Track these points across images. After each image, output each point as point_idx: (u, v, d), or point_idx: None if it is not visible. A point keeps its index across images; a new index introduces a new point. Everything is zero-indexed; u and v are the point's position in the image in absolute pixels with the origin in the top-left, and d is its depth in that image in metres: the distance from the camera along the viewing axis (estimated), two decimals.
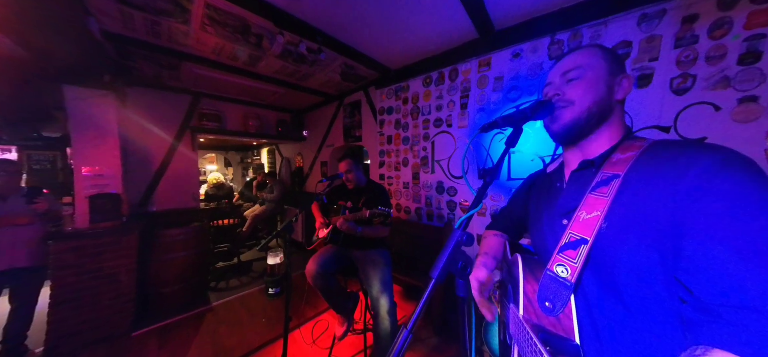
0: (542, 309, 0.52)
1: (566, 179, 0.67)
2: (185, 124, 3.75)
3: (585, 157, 0.62)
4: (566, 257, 0.52)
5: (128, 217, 2.81)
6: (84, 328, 2.31)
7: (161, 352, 2.23)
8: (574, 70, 0.60)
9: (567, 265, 0.51)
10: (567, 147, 0.67)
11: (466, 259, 0.47)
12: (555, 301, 0.50)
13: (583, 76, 0.59)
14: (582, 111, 0.58)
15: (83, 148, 2.59)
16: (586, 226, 0.52)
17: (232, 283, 3.55)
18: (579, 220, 0.53)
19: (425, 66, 2.80)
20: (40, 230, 2.24)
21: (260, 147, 7.25)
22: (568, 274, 0.50)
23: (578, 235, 0.52)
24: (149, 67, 2.88)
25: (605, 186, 0.53)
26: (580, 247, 0.51)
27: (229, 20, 2.07)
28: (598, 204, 0.52)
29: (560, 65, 0.64)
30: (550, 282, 0.52)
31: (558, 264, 0.53)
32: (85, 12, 1.77)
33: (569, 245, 0.53)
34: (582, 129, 0.60)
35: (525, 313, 0.55)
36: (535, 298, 0.54)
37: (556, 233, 0.61)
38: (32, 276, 2.23)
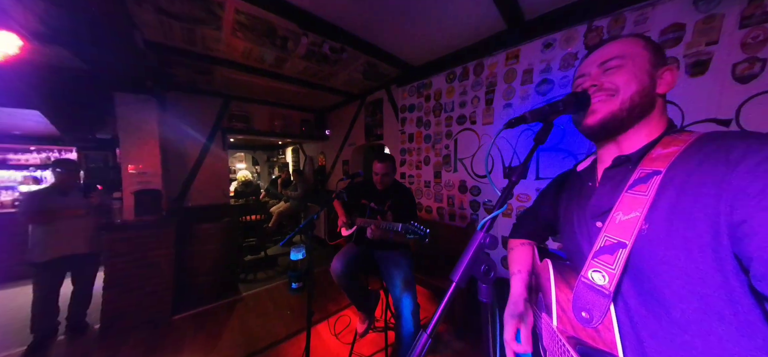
0: (578, 319, 0.48)
1: (599, 178, 0.61)
2: (217, 125, 3.98)
3: (621, 153, 0.57)
4: (602, 263, 0.48)
5: (167, 212, 3.04)
6: (131, 311, 2.54)
7: (197, 337, 2.39)
8: (614, 59, 0.55)
9: (604, 272, 0.47)
10: (601, 143, 0.61)
11: (490, 263, 0.45)
12: (592, 310, 0.46)
13: (625, 65, 0.54)
14: (624, 101, 0.53)
15: (129, 148, 2.85)
16: (623, 228, 0.47)
17: (260, 275, 3.73)
18: (615, 222, 0.49)
19: (449, 61, 2.73)
20: (95, 221, 2.51)
21: (285, 146, 7.52)
22: (606, 282, 0.46)
23: (615, 238, 0.48)
24: (185, 73, 3.09)
25: (644, 184, 0.48)
26: (618, 252, 0.46)
27: (256, 25, 2.15)
28: (636, 204, 0.47)
29: (597, 55, 0.58)
30: (586, 290, 0.48)
31: (594, 270, 0.48)
32: (132, 25, 1.94)
33: (605, 249, 0.48)
34: (622, 122, 0.54)
35: (559, 323, 0.52)
36: (570, 308, 0.50)
37: (590, 237, 0.56)
38: (90, 262, 2.52)
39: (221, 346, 2.26)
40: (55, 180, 2.40)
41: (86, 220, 2.44)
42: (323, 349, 2.17)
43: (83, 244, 2.42)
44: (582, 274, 0.50)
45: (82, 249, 2.42)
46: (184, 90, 3.60)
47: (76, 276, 2.48)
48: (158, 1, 1.79)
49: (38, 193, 2.38)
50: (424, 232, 1.42)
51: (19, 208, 2.30)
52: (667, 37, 1.53)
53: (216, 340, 2.33)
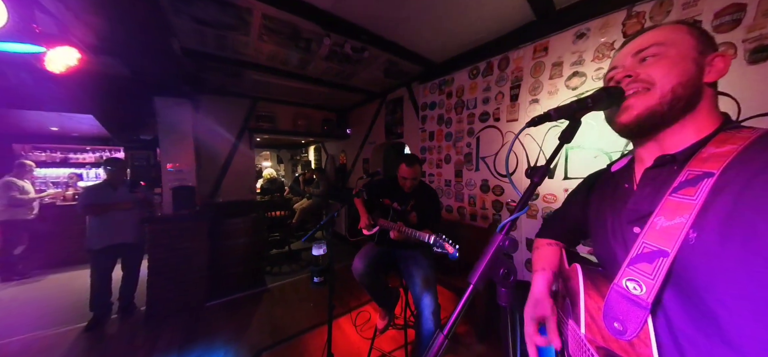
0: (610, 330, 0.45)
1: (637, 179, 0.56)
2: (245, 126, 4.20)
3: (664, 152, 0.51)
4: (639, 271, 0.44)
5: (200, 207, 3.26)
6: (171, 296, 2.77)
7: (229, 323, 2.56)
8: (651, 47, 0.49)
9: (641, 281, 0.44)
10: (639, 141, 0.56)
11: (510, 266, 0.44)
12: (626, 322, 0.43)
13: (664, 54, 0.49)
14: (664, 94, 0.47)
15: (168, 147, 3.09)
16: (665, 235, 0.43)
17: (284, 269, 3.89)
18: (655, 228, 0.45)
19: (472, 56, 2.66)
20: (139, 214, 2.76)
21: (308, 145, 7.75)
22: (643, 292, 0.43)
23: (655, 245, 0.44)
24: (216, 77, 3.28)
25: (692, 187, 0.43)
26: (658, 260, 0.43)
27: (282, 28, 2.24)
28: (681, 209, 0.43)
29: (632, 45, 0.53)
30: (620, 299, 0.45)
31: (629, 278, 0.45)
32: (170, 34, 2.09)
33: (643, 257, 0.45)
34: (662, 118, 0.49)
35: (587, 331, 0.49)
36: (601, 316, 0.47)
37: (626, 242, 0.52)
38: (136, 250, 2.79)
39: (250, 332, 2.40)
40: (107, 177, 2.67)
41: (132, 213, 2.70)
42: (344, 342, 2.23)
43: (130, 235, 2.68)
44: (615, 281, 0.47)
45: (129, 239, 2.68)
46: (215, 93, 3.82)
47: (124, 263, 2.75)
48: (194, 10, 1.92)
49: (93, 188, 2.67)
50: (453, 254, 1.33)
51: (79, 201, 2.59)
52: (722, 20, 1.37)
53: (245, 328, 2.48)
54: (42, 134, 5.55)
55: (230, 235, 3.24)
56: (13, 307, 2.96)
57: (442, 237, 1.40)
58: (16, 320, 2.64)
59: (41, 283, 3.62)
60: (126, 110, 3.60)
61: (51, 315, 2.73)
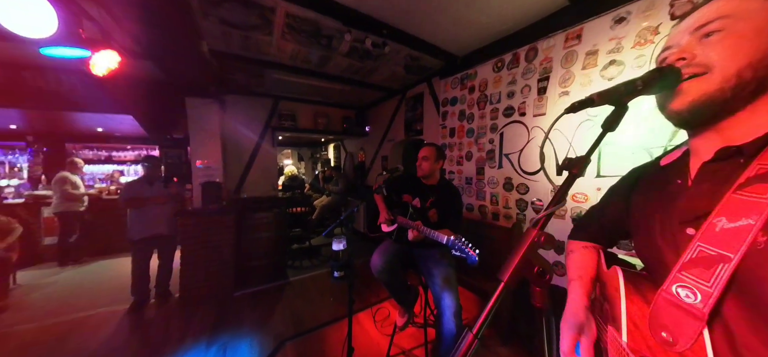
0: (657, 339, 0.42)
1: (692, 174, 0.50)
2: (267, 124, 4.34)
3: (727, 144, 0.45)
4: (693, 278, 0.40)
5: (227, 202, 3.42)
6: (201, 285, 2.93)
7: (254, 313, 2.68)
8: (714, 21, 0.43)
9: (696, 289, 0.39)
10: (695, 130, 0.50)
11: (545, 264, 0.41)
12: (677, 332, 0.39)
13: (729, 28, 0.42)
14: (725, 79, 0.41)
15: (197, 145, 3.26)
16: (727, 238, 0.38)
17: (305, 263, 3.99)
18: (714, 230, 0.40)
19: (497, 48, 2.56)
20: (172, 208, 2.95)
21: (328, 143, 7.87)
22: (697, 301, 0.39)
23: (713, 249, 0.39)
24: (241, 77, 3.41)
25: (763, 183, 0.38)
26: (718, 267, 0.38)
27: (304, 26, 2.28)
28: (748, 209, 0.38)
29: (691, 19, 0.47)
30: (668, 306, 0.41)
31: (680, 285, 0.41)
32: (199, 37, 2.20)
33: (698, 262, 0.40)
34: (723, 106, 0.43)
35: (630, 340, 0.45)
36: (646, 324, 0.44)
37: (676, 245, 0.47)
38: (170, 241, 2.98)
39: (274, 323, 2.49)
40: (144, 173, 2.87)
41: (167, 207, 2.89)
42: (364, 337, 2.24)
43: (165, 227, 2.87)
44: (663, 287, 0.43)
45: (164, 231, 2.87)
46: (240, 93, 3.98)
47: (160, 253, 2.95)
48: (221, 12, 2.00)
49: (133, 183, 2.89)
50: (473, 258, 1.26)
51: (120, 195, 2.81)
52: None
53: (269, 318, 2.58)
54: (89, 134, 6.10)
55: (254, 229, 3.37)
56: (69, 289, 3.29)
57: (460, 239, 1.34)
58: (71, 300, 2.94)
59: (90, 268, 3.99)
60: (160, 110, 3.84)
61: (99, 297, 3.01)
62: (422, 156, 1.81)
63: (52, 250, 4.15)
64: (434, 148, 1.85)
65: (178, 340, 2.25)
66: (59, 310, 2.71)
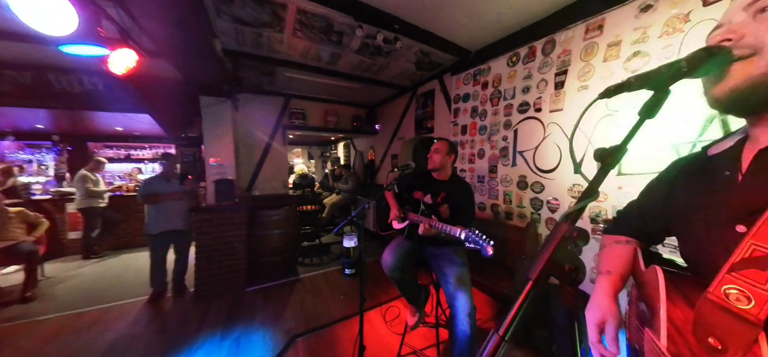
0: (703, 346, 0.39)
1: (745, 165, 0.46)
2: (278, 123, 4.39)
3: None
4: (746, 280, 0.37)
5: (239, 199, 3.47)
6: (215, 280, 3.00)
7: (266, 308, 2.73)
8: None
9: (749, 292, 0.36)
10: (751, 117, 0.45)
11: (576, 262, 0.37)
12: (727, 339, 0.36)
13: None
14: None
15: (211, 143, 3.33)
16: None
17: (315, 261, 4.01)
18: None
19: (512, 42, 2.49)
20: (187, 204, 3.03)
21: (337, 141, 7.91)
22: (751, 305, 0.35)
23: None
24: (253, 75, 3.46)
25: None
26: None
27: (315, 22, 2.28)
28: None
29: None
30: (716, 311, 0.38)
31: (730, 287, 0.38)
32: (213, 35, 2.23)
33: (752, 262, 0.37)
34: None
35: (671, 345, 0.42)
36: (689, 329, 0.41)
37: (726, 243, 0.43)
38: (185, 236, 3.06)
39: (285, 318, 2.52)
40: (162, 170, 2.95)
41: (182, 203, 2.97)
42: (375, 335, 2.23)
43: (181, 222, 2.95)
44: (710, 289, 0.40)
45: (180, 226, 2.95)
46: (251, 91, 4.03)
47: (176, 247, 3.03)
48: (234, 10, 2.02)
49: (151, 179, 2.98)
50: (487, 250, 1.21)
51: (139, 191, 2.90)
52: None
53: (280, 313, 2.61)
54: (110, 134, 6.34)
55: (265, 226, 3.41)
56: (92, 281, 3.44)
57: (475, 232, 1.29)
58: (94, 292, 3.08)
59: (112, 261, 4.15)
60: (176, 109, 3.94)
61: (120, 288, 3.14)
62: (434, 148, 1.81)
63: (76, 244, 4.35)
64: (446, 141, 1.85)
65: (194, 332, 2.31)
66: (84, 301, 2.84)
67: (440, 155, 1.78)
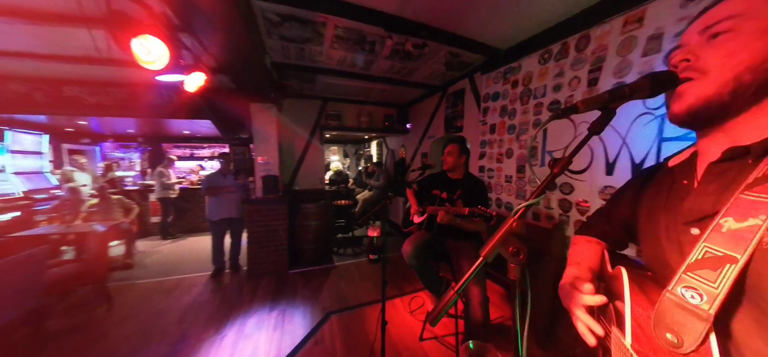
0: (662, 341, 0.41)
1: (699, 174, 0.50)
2: (316, 124, 4.77)
3: (735, 144, 0.44)
4: (699, 278, 0.40)
5: (282, 193, 3.91)
6: (263, 262, 3.47)
7: (306, 289, 3.10)
8: (723, 21, 0.42)
9: (701, 290, 0.39)
10: (702, 131, 0.49)
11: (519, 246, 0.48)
12: (683, 333, 0.39)
13: (737, 29, 0.41)
14: (722, 83, 0.41)
15: (259, 144, 3.79)
16: (733, 239, 0.38)
17: (348, 251, 4.34)
18: (721, 231, 0.40)
19: (544, 39, 2.45)
20: (240, 196, 3.52)
21: (371, 140, 8.20)
22: (703, 302, 0.38)
23: (720, 250, 0.39)
24: (295, 83, 3.84)
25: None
26: (724, 268, 0.38)
27: (350, 35, 2.51)
28: (756, 208, 0.37)
29: (703, 18, 0.46)
30: (674, 308, 0.41)
31: (685, 286, 0.41)
32: (263, 52, 2.59)
33: (704, 263, 0.40)
34: (723, 109, 0.43)
35: (634, 342, 0.46)
36: (650, 326, 0.43)
37: (681, 246, 0.48)
38: (239, 223, 3.58)
39: (322, 298, 2.87)
40: (220, 167, 3.48)
41: (236, 196, 3.48)
42: (399, 320, 2.44)
43: (235, 211, 3.46)
44: (668, 288, 0.42)
45: (234, 214, 3.46)
46: (294, 96, 4.45)
47: (231, 232, 3.57)
48: (282, 30, 2.35)
49: (211, 175, 3.52)
50: (490, 215, 1.47)
51: (201, 185, 3.47)
52: None
53: (318, 294, 2.97)
54: (178, 136, 7.41)
55: (305, 217, 3.80)
56: (169, 257, 4.20)
57: (478, 207, 1.53)
58: (171, 265, 3.78)
59: (183, 242, 4.97)
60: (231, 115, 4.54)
61: (189, 264, 3.81)
62: (447, 151, 1.99)
63: (156, 227, 5.27)
64: (457, 144, 2.01)
65: (248, 302, 2.77)
66: (165, 272, 3.54)
67: (453, 157, 1.96)
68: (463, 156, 1.99)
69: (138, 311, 2.60)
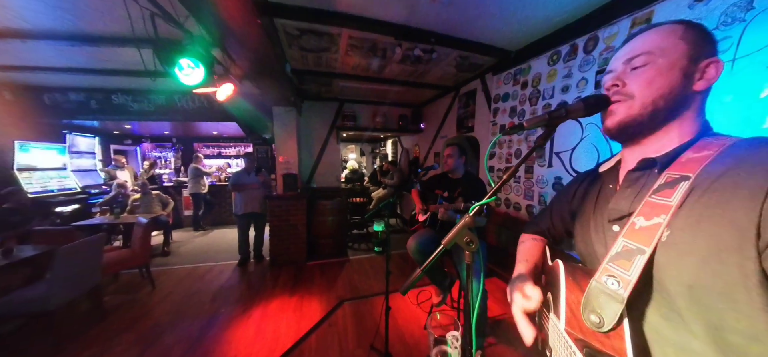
0: (588, 322, 0.46)
1: (620, 180, 0.58)
2: (333, 125, 5.00)
3: (646, 156, 0.53)
4: (617, 268, 0.46)
5: (301, 190, 4.18)
6: (284, 253, 3.77)
7: (322, 279, 3.36)
8: (640, 56, 0.50)
9: (618, 277, 0.45)
10: (625, 144, 0.58)
11: (472, 237, 0.62)
12: (603, 313, 0.45)
13: (653, 63, 0.49)
14: (644, 106, 0.49)
15: (280, 144, 4.08)
16: (643, 234, 0.45)
17: (362, 246, 4.55)
18: (634, 228, 0.47)
19: (553, 40, 2.48)
20: (262, 193, 3.83)
21: (386, 139, 8.36)
22: (620, 288, 0.44)
23: (633, 244, 0.46)
24: (314, 87, 4.08)
25: (670, 189, 0.45)
26: (635, 258, 0.44)
27: (363, 44, 2.69)
28: (659, 209, 0.45)
29: (624, 50, 0.54)
30: (598, 294, 0.47)
31: (607, 275, 0.47)
32: (285, 61, 2.83)
33: (621, 255, 0.47)
34: (642, 127, 0.51)
35: (567, 325, 0.51)
36: (579, 310, 0.49)
37: (606, 240, 0.56)
38: (262, 218, 3.89)
39: (337, 288, 3.11)
40: (245, 165, 3.80)
41: (259, 192, 3.79)
42: (406, 309, 2.61)
43: (258, 206, 3.78)
44: (595, 277, 0.48)
45: (258, 209, 3.77)
46: (312, 99, 4.71)
47: (255, 226, 3.89)
48: (301, 42, 2.58)
49: (237, 173, 3.85)
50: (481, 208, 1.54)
51: (229, 182, 3.81)
52: None
53: (333, 284, 3.21)
54: (208, 136, 7.98)
55: (322, 213, 4.05)
56: (201, 246, 4.64)
57: (472, 202, 1.58)
58: (202, 254, 4.19)
59: (212, 234, 5.45)
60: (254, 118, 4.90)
61: (218, 253, 4.21)
62: (446, 154, 2.10)
63: (188, 219, 5.78)
64: (456, 146, 2.11)
65: (271, 288, 3.07)
66: (198, 259, 3.95)
67: (453, 159, 2.07)
68: (462, 157, 2.10)
69: (175, 292, 2.96)
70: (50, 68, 3.23)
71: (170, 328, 2.33)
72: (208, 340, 2.19)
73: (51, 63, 3.11)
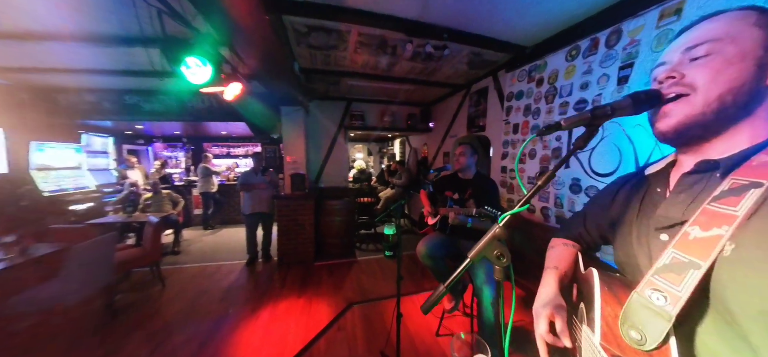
0: (627, 339, 0.43)
1: (672, 184, 0.52)
2: (341, 124, 4.96)
3: (706, 157, 0.46)
4: (665, 282, 0.41)
5: (309, 189, 4.15)
6: (292, 253, 3.75)
7: (330, 280, 3.32)
8: (704, 44, 0.44)
9: (666, 293, 0.40)
10: (684, 147, 0.51)
11: (503, 250, 0.55)
12: (646, 331, 0.40)
13: (719, 52, 0.43)
14: (707, 103, 0.43)
15: (288, 143, 4.06)
16: (698, 246, 0.39)
17: (370, 247, 4.51)
18: (687, 238, 0.41)
19: (571, 35, 2.36)
20: (270, 193, 3.81)
21: (394, 138, 8.28)
22: (667, 304, 0.40)
23: (685, 257, 0.40)
24: (321, 86, 4.04)
25: (736, 196, 0.39)
26: (688, 272, 0.39)
27: (372, 41, 2.62)
28: (720, 219, 0.39)
29: (684, 38, 0.48)
30: (639, 308, 0.42)
31: (652, 289, 0.42)
32: (293, 59, 2.79)
33: (670, 268, 0.42)
34: (705, 129, 0.45)
35: (603, 339, 0.47)
36: (617, 324, 0.45)
37: (650, 250, 0.50)
38: (269, 217, 3.88)
39: (345, 289, 3.07)
40: (253, 165, 3.79)
41: (267, 191, 3.78)
42: (417, 315, 2.53)
43: (266, 206, 3.77)
44: (637, 289, 0.44)
45: (265, 209, 3.77)
46: (320, 98, 4.67)
47: (263, 225, 3.88)
48: (309, 40, 2.53)
49: (246, 173, 3.85)
50: (495, 214, 1.48)
51: (238, 181, 3.81)
52: None
53: (341, 285, 3.17)
54: (217, 136, 8.06)
55: (329, 213, 4.02)
56: (210, 245, 4.68)
57: (485, 208, 1.55)
58: (212, 253, 4.22)
59: (221, 233, 5.49)
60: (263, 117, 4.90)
61: (227, 252, 4.23)
62: (459, 152, 2.03)
63: (198, 218, 5.85)
64: (468, 145, 2.04)
65: (278, 289, 3.05)
66: (207, 258, 3.98)
67: (465, 157, 1.99)
68: (474, 155, 2.02)
69: (185, 291, 2.98)
70: (64, 69, 3.29)
71: (180, 327, 2.34)
72: (216, 341, 2.18)
73: (65, 64, 3.16)
